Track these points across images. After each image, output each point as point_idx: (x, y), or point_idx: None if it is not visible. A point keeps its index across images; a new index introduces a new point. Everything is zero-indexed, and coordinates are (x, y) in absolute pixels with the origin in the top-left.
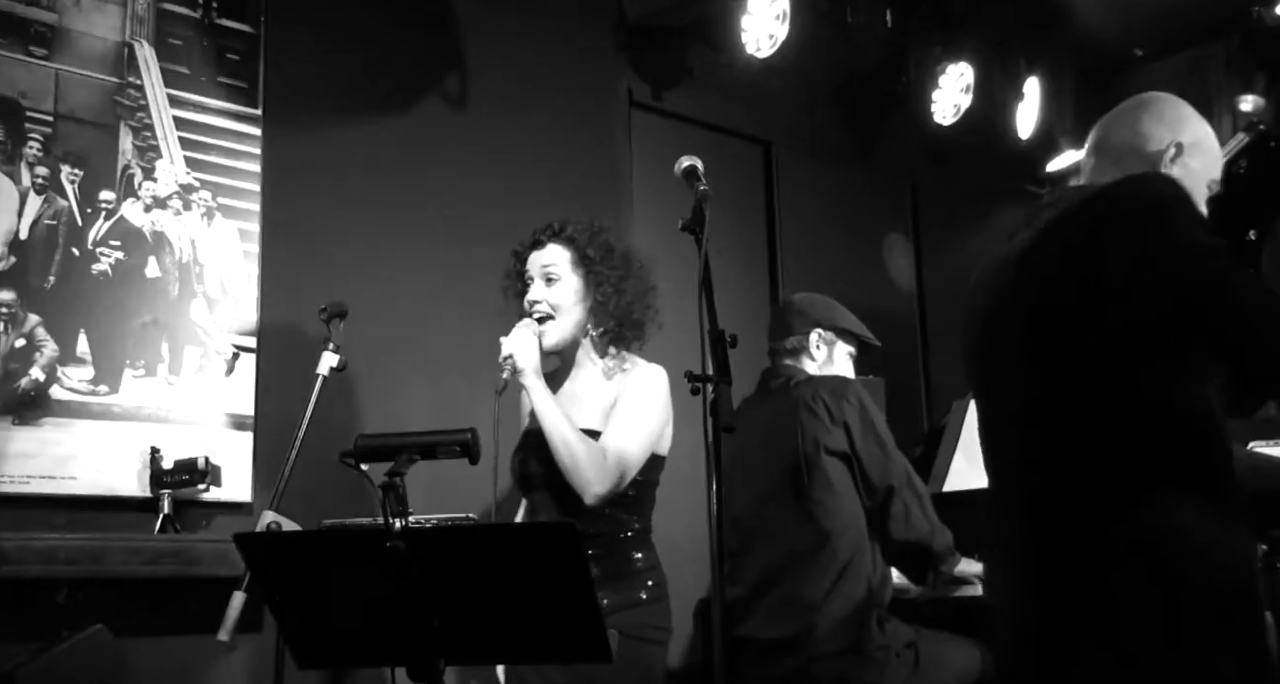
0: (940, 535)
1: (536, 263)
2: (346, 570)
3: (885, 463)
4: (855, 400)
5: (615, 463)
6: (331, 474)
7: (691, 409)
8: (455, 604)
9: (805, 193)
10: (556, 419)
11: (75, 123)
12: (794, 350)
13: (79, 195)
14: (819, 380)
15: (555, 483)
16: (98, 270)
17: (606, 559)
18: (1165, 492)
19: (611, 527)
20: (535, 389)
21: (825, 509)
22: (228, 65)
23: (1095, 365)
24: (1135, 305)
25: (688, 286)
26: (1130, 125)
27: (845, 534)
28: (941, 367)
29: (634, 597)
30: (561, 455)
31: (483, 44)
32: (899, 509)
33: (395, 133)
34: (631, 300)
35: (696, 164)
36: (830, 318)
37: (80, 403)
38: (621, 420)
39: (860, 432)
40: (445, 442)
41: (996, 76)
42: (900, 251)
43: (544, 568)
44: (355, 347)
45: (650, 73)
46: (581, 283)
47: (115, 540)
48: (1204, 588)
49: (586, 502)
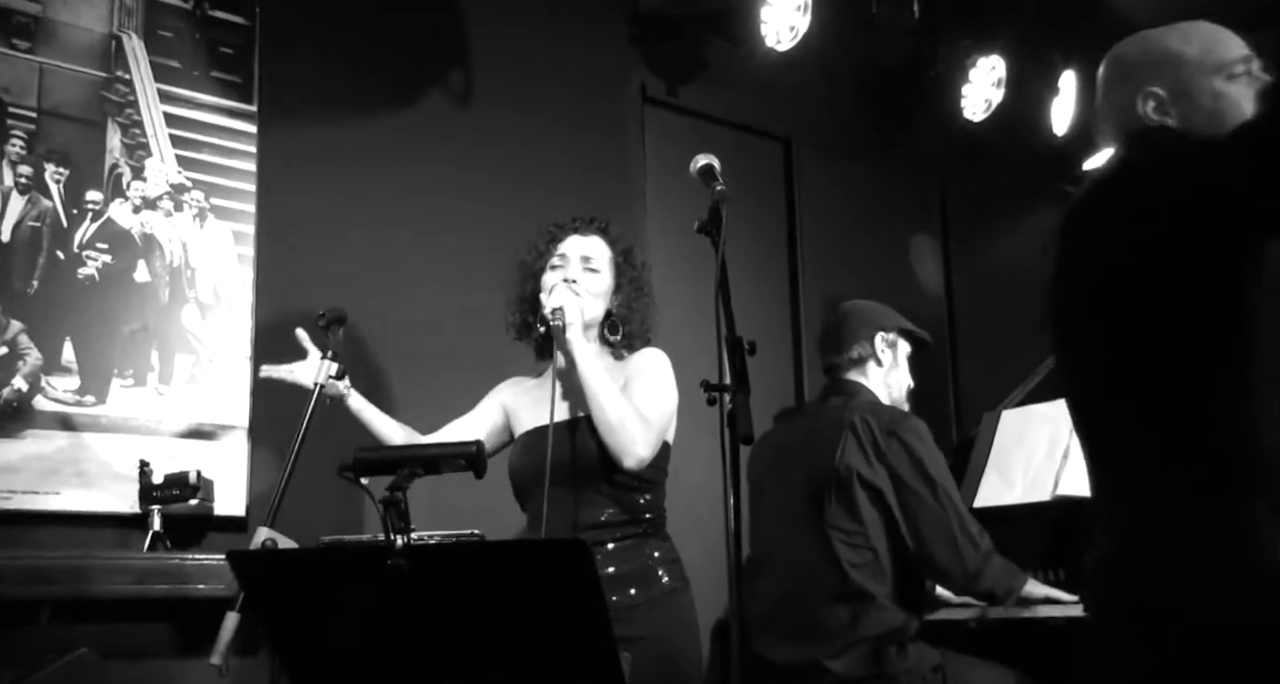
0: (1002, 579)
1: (577, 248)
2: (346, 590)
3: (934, 509)
4: (909, 438)
5: (655, 425)
6: (330, 489)
7: (709, 419)
8: (460, 625)
9: (827, 193)
10: (602, 376)
11: (60, 119)
12: (859, 360)
13: (64, 195)
14: (879, 409)
15: (574, 469)
16: (84, 274)
17: (624, 552)
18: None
19: (630, 514)
20: (579, 345)
21: (842, 537)
22: (221, 59)
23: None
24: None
25: (704, 291)
26: (1104, 94)
27: (861, 567)
28: (971, 375)
29: (655, 591)
30: (608, 413)
31: (488, 36)
32: (950, 561)
33: (397, 130)
34: (644, 318)
35: (713, 163)
36: (892, 320)
37: (65, 414)
38: (644, 392)
39: (909, 472)
40: (450, 454)
41: (1030, 70)
42: (928, 254)
43: (554, 587)
44: (355, 354)
45: (664, 67)
46: (612, 283)
47: (102, 559)
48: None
49: (627, 464)
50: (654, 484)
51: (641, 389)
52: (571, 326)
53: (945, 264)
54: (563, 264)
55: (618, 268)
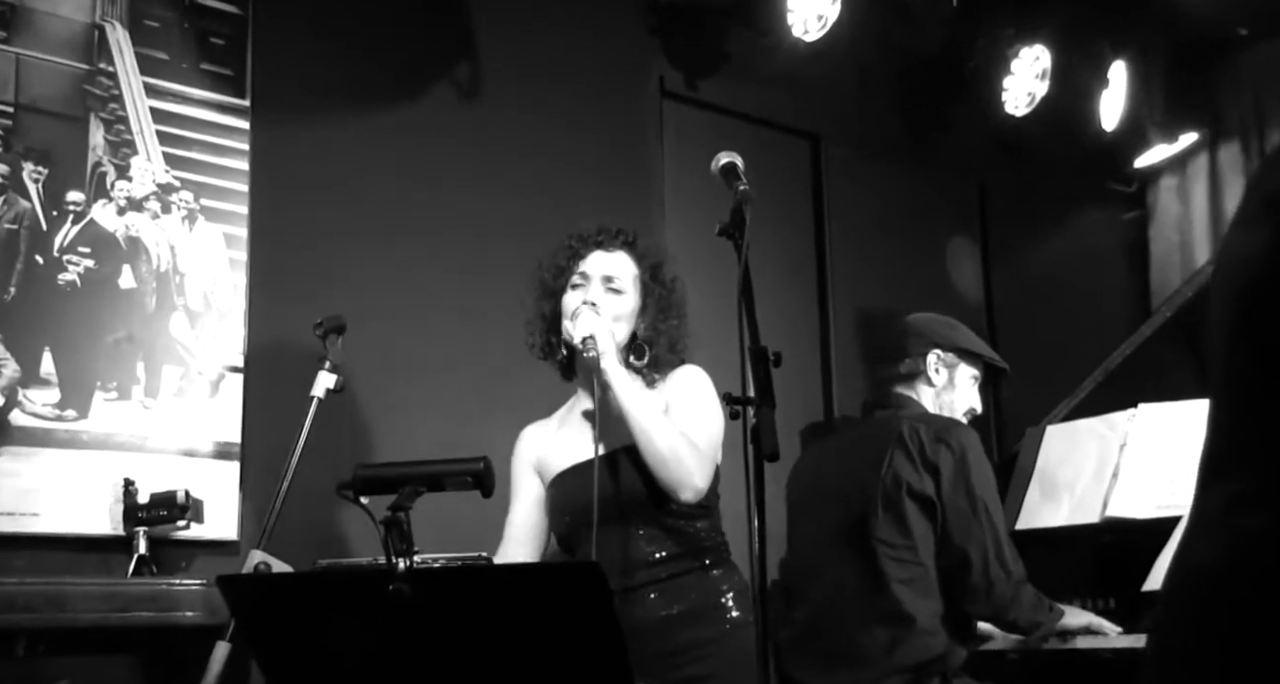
0: (1027, 610)
1: (599, 266)
2: (344, 617)
3: (970, 524)
4: (958, 446)
5: (708, 452)
6: (327, 509)
7: (731, 434)
8: (466, 655)
9: (858, 193)
10: (646, 406)
11: (39, 114)
12: (909, 375)
13: (43, 196)
14: (928, 418)
15: (621, 505)
16: (64, 280)
17: (687, 587)
18: None
19: (687, 546)
20: (617, 375)
21: (889, 552)
22: (212, 50)
23: None
24: None
25: (726, 298)
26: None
27: (910, 583)
28: (1013, 389)
29: (725, 626)
30: (658, 446)
31: (497, 27)
32: (978, 581)
33: (399, 127)
34: (673, 340)
35: (736, 161)
36: (951, 338)
37: (44, 430)
38: (689, 416)
39: (951, 480)
40: (455, 472)
41: (1077, 60)
42: (966, 259)
43: (567, 614)
44: (355, 365)
45: (684, 59)
46: (637, 303)
47: (83, 584)
48: None
49: (685, 497)
50: (709, 509)
51: (685, 413)
52: (606, 355)
53: (984, 270)
54: (584, 283)
55: (644, 287)
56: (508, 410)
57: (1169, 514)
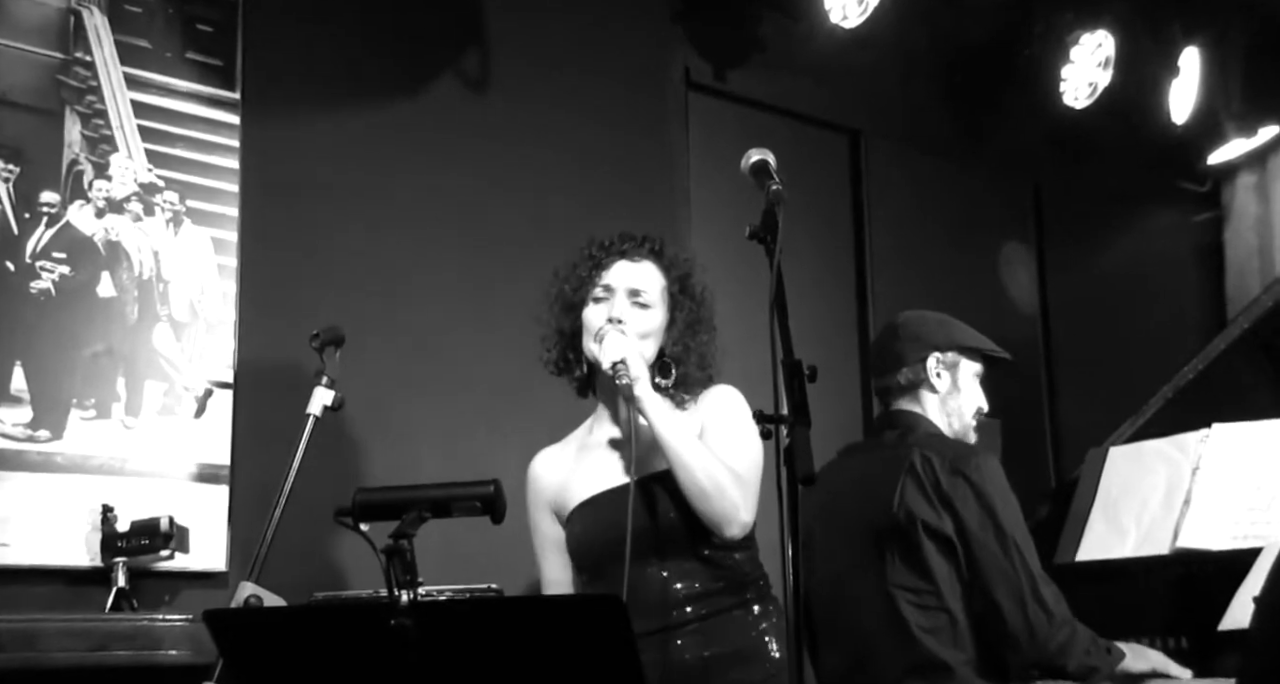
0: (1079, 655)
1: (624, 278)
2: (342, 654)
3: (1002, 566)
4: (977, 476)
5: (751, 482)
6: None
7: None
8: None
9: (901, 193)
10: (685, 436)
11: (10, 108)
12: (910, 385)
13: (14, 197)
14: (943, 443)
15: (657, 536)
16: (37, 289)
17: (727, 627)
18: None
19: (727, 580)
20: (652, 403)
21: (910, 598)
22: (198, 39)
23: None
24: None
25: (757, 307)
26: None
27: (935, 633)
28: (1072, 406)
29: (770, 667)
30: (699, 479)
31: (508, 13)
32: (1017, 628)
33: (402, 122)
34: (703, 358)
35: (768, 158)
36: (948, 336)
37: (14, 451)
38: (727, 443)
39: (975, 518)
40: (463, 496)
41: (1144, 47)
42: (1020, 264)
43: (585, 652)
44: (354, 381)
45: (711, 47)
46: (665, 318)
47: (56, 621)
48: None
49: (731, 533)
50: (748, 539)
51: (723, 439)
52: (639, 381)
53: (1040, 277)
54: (607, 297)
55: (672, 299)
56: (519, 429)
57: (1247, 546)
